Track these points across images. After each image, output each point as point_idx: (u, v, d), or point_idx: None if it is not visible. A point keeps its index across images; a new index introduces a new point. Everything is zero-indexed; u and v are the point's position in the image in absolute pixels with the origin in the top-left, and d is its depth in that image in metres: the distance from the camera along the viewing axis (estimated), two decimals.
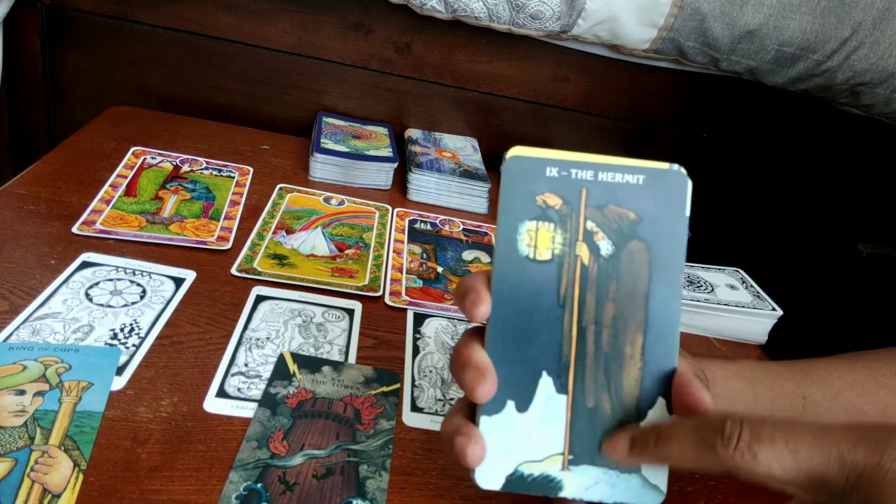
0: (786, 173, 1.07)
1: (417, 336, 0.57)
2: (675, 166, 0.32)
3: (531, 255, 0.31)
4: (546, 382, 0.31)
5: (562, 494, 0.31)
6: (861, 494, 0.23)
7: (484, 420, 0.31)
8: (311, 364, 0.51)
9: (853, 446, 0.24)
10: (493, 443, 0.31)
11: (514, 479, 0.31)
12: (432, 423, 0.48)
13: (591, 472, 0.31)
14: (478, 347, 0.31)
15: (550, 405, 0.31)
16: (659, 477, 0.31)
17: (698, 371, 0.32)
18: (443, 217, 0.80)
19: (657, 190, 0.31)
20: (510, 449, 0.31)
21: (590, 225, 0.31)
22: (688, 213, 0.31)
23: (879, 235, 0.94)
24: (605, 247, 0.31)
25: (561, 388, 0.31)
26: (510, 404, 0.31)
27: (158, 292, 0.55)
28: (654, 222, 0.31)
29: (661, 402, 0.31)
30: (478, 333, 0.32)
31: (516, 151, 0.31)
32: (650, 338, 0.31)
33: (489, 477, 0.31)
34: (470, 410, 0.32)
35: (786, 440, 0.25)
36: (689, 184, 0.32)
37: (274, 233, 0.68)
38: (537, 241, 0.31)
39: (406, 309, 0.61)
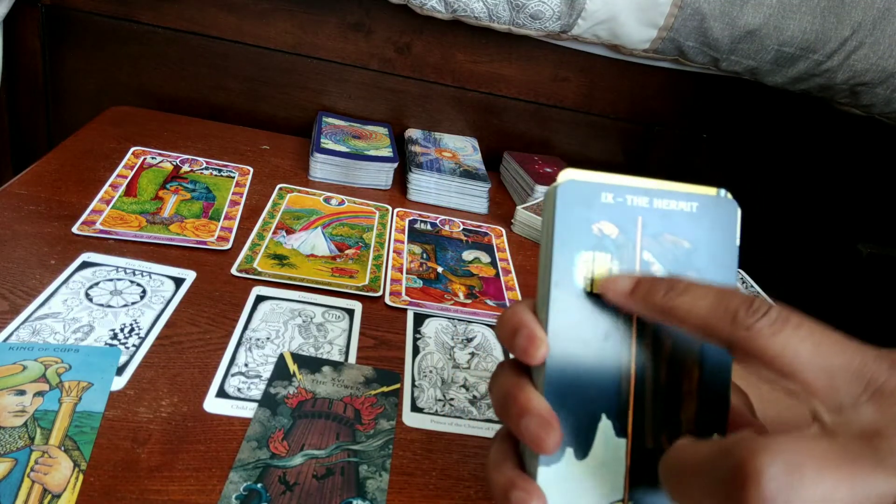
0: (786, 173, 1.07)
1: (417, 336, 0.57)
2: (723, 192, 0.30)
3: (588, 289, 0.29)
4: (605, 426, 0.29)
5: None
6: (872, 408, 0.22)
7: (542, 471, 0.28)
8: (311, 364, 0.51)
9: (876, 360, 0.23)
10: (553, 495, 0.28)
11: None
12: (432, 424, 0.48)
13: None
14: (533, 391, 0.28)
15: (609, 450, 0.29)
16: None
17: (747, 400, 0.31)
18: (443, 217, 0.80)
19: (709, 218, 0.30)
20: (570, 500, 0.29)
21: (646, 255, 0.30)
22: (738, 241, 0.30)
23: (879, 235, 0.94)
24: None
25: (620, 430, 0.29)
26: (569, 451, 0.29)
27: (158, 292, 0.55)
28: (707, 251, 0.30)
29: (717, 438, 0.29)
30: (522, 371, 0.29)
31: (571, 175, 0.29)
32: (706, 372, 0.29)
33: None
34: (518, 458, 0.30)
35: (811, 331, 0.24)
36: (739, 211, 0.30)
37: (274, 233, 0.68)
38: (594, 272, 0.29)
39: (406, 309, 0.61)
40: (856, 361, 0.23)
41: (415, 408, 0.49)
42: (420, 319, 0.60)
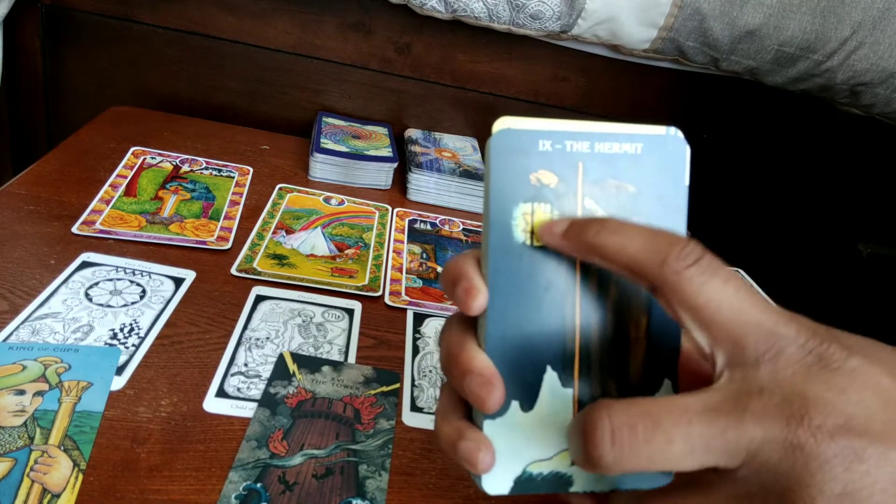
0: (786, 173, 1.07)
1: (417, 336, 0.57)
2: (673, 130, 0.29)
3: (528, 241, 0.28)
4: (551, 377, 0.29)
5: (573, 489, 0.30)
6: (768, 369, 0.23)
7: (488, 423, 0.29)
8: (310, 364, 0.51)
9: (787, 323, 0.23)
10: (500, 446, 0.29)
11: (523, 480, 0.29)
12: (432, 424, 0.48)
13: None
14: (475, 348, 0.28)
15: (556, 401, 0.29)
16: None
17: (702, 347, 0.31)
18: (443, 217, 0.80)
19: (655, 158, 0.29)
20: (517, 450, 0.29)
21: (588, 203, 0.29)
22: (687, 181, 0.29)
23: (879, 235, 0.94)
24: None
25: (566, 381, 0.29)
26: (514, 404, 0.29)
27: (158, 292, 0.55)
28: (654, 194, 0.29)
29: (667, 383, 0.29)
30: (468, 327, 0.29)
31: (506, 123, 0.28)
32: (654, 318, 0.29)
33: (497, 482, 0.29)
34: (465, 407, 0.30)
35: (737, 287, 0.24)
36: (688, 150, 0.29)
37: (274, 233, 0.68)
38: (534, 225, 0.28)
39: (406, 309, 0.61)
40: (769, 323, 0.23)
41: (414, 407, 0.49)
42: (420, 319, 0.60)
